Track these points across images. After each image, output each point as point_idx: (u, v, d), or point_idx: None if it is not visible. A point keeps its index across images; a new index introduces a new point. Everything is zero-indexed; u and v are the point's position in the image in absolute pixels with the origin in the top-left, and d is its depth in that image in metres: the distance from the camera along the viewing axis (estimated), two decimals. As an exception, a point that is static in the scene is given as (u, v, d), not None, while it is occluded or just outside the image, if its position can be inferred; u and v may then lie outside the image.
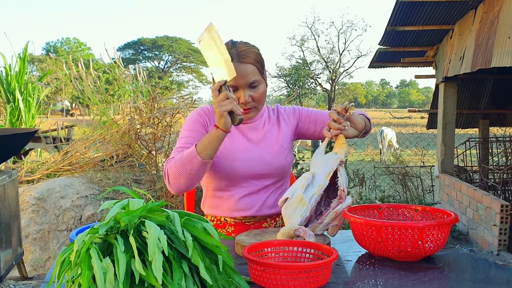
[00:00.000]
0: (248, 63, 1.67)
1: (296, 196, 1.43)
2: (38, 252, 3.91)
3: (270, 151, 1.79)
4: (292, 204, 1.42)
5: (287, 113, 1.91)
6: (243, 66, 1.66)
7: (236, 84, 1.66)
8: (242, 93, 1.68)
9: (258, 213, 1.80)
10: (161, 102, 5.14)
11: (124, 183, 4.50)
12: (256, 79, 1.69)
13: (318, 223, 1.49)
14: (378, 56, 6.44)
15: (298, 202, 1.42)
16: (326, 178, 1.47)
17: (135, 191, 1.08)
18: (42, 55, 42.35)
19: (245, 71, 1.66)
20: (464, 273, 1.34)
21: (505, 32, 4.03)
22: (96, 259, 0.87)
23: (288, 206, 1.43)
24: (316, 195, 1.45)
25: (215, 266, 0.97)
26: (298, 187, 1.44)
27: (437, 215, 1.52)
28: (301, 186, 1.44)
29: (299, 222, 1.41)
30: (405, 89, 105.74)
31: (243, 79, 1.66)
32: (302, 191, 1.43)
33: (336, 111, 1.56)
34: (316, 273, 1.11)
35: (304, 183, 1.44)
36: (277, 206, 1.84)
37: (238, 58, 1.66)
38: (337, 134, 1.54)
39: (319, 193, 1.45)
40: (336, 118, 1.53)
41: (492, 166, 6.42)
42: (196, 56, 50.04)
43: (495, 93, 7.07)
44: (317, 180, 1.47)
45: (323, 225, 1.50)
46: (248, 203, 1.79)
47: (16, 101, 7.82)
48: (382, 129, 14.02)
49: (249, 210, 1.79)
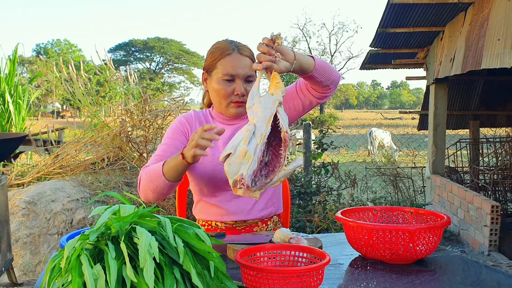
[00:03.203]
0: (247, 56, 1.73)
1: (240, 151, 1.31)
2: (28, 257, 3.87)
3: None
4: (236, 160, 1.31)
5: None
6: (243, 58, 1.71)
7: (234, 73, 1.69)
8: (238, 84, 1.70)
9: (248, 216, 1.79)
10: (153, 104, 5.12)
11: (115, 186, 4.48)
12: (252, 74, 1.72)
13: (266, 182, 1.37)
14: (369, 58, 6.46)
15: (243, 156, 1.31)
16: (267, 124, 1.34)
17: (126, 196, 1.07)
18: (33, 57, 42.10)
19: (244, 63, 1.71)
20: (455, 276, 1.35)
21: (495, 34, 4.06)
22: (87, 265, 0.86)
23: (231, 163, 1.31)
24: (260, 145, 1.32)
25: (207, 271, 0.96)
26: (241, 141, 1.32)
27: (431, 218, 1.52)
28: (244, 140, 1.32)
29: (247, 176, 1.30)
30: (396, 90, 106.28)
31: (242, 69, 1.70)
32: (245, 145, 1.31)
33: (264, 43, 1.41)
34: (308, 277, 1.11)
35: (247, 136, 1.32)
36: (268, 208, 1.83)
37: (238, 50, 1.72)
38: (267, 66, 1.39)
39: (262, 142, 1.33)
40: (265, 50, 1.39)
41: (482, 167, 6.46)
42: (188, 57, 50.01)
43: (485, 95, 7.13)
44: (258, 129, 1.33)
45: (271, 184, 1.38)
46: (236, 207, 1.78)
47: (6, 103, 7.76)
48: (372, 130, 14.09)
49: (238, 214, 1.78)
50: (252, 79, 1.73)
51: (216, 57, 1.72)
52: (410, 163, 9.16)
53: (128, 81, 6.02)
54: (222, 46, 1.74)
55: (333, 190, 4.93)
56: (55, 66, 5.88)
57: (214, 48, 1.76)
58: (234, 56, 1.70)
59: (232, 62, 1.70)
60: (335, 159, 5.73)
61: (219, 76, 1.71)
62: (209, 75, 1.76)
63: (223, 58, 1.71)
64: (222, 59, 1.71)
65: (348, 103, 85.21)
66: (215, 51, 1.74)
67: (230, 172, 1.32)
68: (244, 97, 1.72)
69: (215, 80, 1.73)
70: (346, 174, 5.42)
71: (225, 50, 1.71)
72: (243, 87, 1.71)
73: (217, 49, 1.74)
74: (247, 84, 1.72)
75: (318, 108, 38.32)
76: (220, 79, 1.71)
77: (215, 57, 1.73)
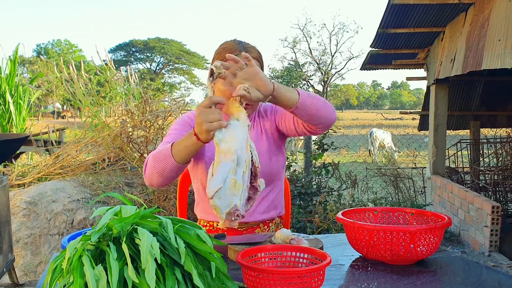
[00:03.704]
0: (254, 58, 1.68)
1: (230, 183, 1.28)
2: (29, 257, 3.88)
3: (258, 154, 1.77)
4: (227, 192, 1.27)
5: (266, 110, 1.88)
6: None
7: None
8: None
9: (250, 219, 1.79)
10: (153, 104, 5.12)
11: (116, 186, 4.48)
12: None
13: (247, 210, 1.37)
14: (370, 58, 6.46)
15: (233, 187, 1.28)
16: (246, 150, 1.33)
17: (128, 197, 1.07)
18: (33, 57, 42.13)
19: None
20: (456, 277, 1.35)
21: (495, 35, 4.06)
22: (89, 266, 0.87)
23: (222, 196, 1.27)
24: (246, 173, 1.31)
25: (208, 272, 0.97)
26: (229, 173, 1.29)
27: (431, 219, 1.52)
28: (232, 171, 1.29)
29: (241, 206, 1.29)
30: (396, 91, 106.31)
31: None
32: (233, 175, 1.28)
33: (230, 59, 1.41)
34: (309, 278, 1.11)
35: (233, 167, 1.29)
36: (270, 211, 1.83)
37: (245, 51, 1.69)
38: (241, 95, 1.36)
39: (248, 169, 1.32)
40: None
41: (483, 168, 6.46)
42: (188, 57, 50.02)
43: (485, 95, 7.13)
44: (240, 157, 1.31)
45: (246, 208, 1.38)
46: None
47: (6, 103, 7.76)
48: (372, 131, 14.08)
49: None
50: None
51: (223, 58, 1.67)
52: (411, 163, 9.17)
53: (128, 81, 6.02)
54: (229, 47, 1.72)
55: (334, 190, 4.93)
56: (55, 67, 5.88)
57: (221, 48, 1.74)
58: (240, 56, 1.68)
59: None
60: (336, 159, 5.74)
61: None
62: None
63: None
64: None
65: (349, 104, 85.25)
66: (222, 51, 1.71)
67: (222, 205, 1.27)
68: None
69: (220, 81, 1.70)
70: (347, 175, 5.43)
71: (232, 51, 1.68)
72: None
73: (224, 49, 1.72)
74: None
75: (318, 108, 38.28)
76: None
77: (221, 58, 1.69)
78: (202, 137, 1.38)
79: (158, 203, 4.20)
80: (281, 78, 35.81)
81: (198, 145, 1.43)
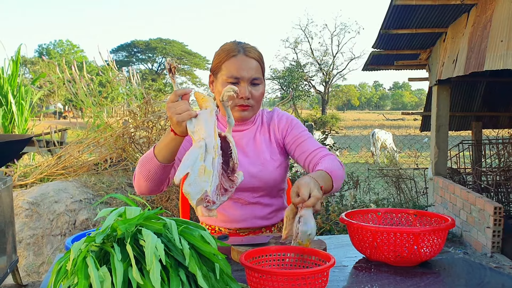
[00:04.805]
0: (253, 58, 1.68)
1: (198, 168, 1.26)
2: (31, 257, 3.88)
3: (259, 163, 1.74)
4: (196, 178, 1.26)
5: (279, 123, 1.83)
6: (249, 60, 1.67)
7: (239, 76, 1.65)
8: (243, 86, 1.66)
9: (252, 224, 1.78)
10: (155, 105, 5.13)
11: (118, 187, 4.48)
12: (258, 77, 1.68)
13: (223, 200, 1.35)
14: (372, 59, 6.46)
15: (203, 173, 1.26)
16: (215, 136, 1.32)
17: (132, 198, 1.07)
18: (35, 57, 42.15)
19: (250, 65, 1.66)
20: (459, 278, 1.34)
21: (498, 36, 4.06)
22: (93, 267, 0.87)
23: (192, 183, 1.25)
24: (216, 158, 1.30)
25: (212, 273, 0.97)
26: (197, 159, 1.27)
27: (435, 220, 1.52)
28: (200, 157, 1.27)
29: (211, 192, 1.27)
30: (398, 91, 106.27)
31: (247, 72, 1.65)
32: (202, 162, 1.27)
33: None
34: (313, 279, 1.11)
35: (202, 153, 1.28)
36: (271, 218, 1.82)
37: (244, 51, 1.67)
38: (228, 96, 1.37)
39: (218, 155, 1.31)
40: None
41: (485, 168, 6.45)
42: (190, 58, 50.04)
43: (487, 96, 7.12)
44: (209, 143, 1.30)
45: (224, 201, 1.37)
46: (240, 215, 1.76)
47: (8, 104, 7.77)
48: (374, 131, 14.07)
49: (241, 222, 1.77)
50: (258, 82, 1.69)
51: (222, 59, 1.68)
52: (413, 164, 9.15)
53: (130, 81, 6.03)
54: (228, 47, 1.69)
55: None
56: (57, 67, 5.89)
57: (221, 50, 1.71)
58: (239, 58, 1.66)
59: (237, 64, 1.65)
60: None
61: (224, 79, 1.66)
62: (215, 77, 1.72)
63: (228, 60, 1.66)
64: (227, 61, 1.66)
65: (350, 104, 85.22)
66: (221, 52, 1.69)
67: (192, 192, 1.25)
68: (249, 101, 1.68)
69: (220, 82, 1.68)
70: (349, 176, 5.42)
71: (231, 51, 1.67)
72: (248, 90, 1.66)
73: (223, 50, 1.70)
74: (253, 87, 1.68)
75: (320, 109, 38.34)
76: (224, 82, 1.66)
77: (220, 59, 1.69)
78: (177, 130, 1.38)
79: (161, 203, 4.20)
80: (283, 78, 35.81)
81: (176, 140, 1.42)
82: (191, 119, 1.33)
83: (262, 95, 1.73)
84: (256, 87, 1.69)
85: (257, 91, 1.69)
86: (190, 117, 1.32)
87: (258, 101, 1.72)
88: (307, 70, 38.31)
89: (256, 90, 1.69)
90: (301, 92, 36.15)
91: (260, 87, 1.70)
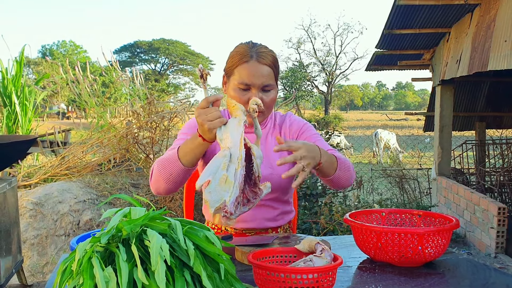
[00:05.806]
0: (266, 64, 1.65)
1: (220, 178, 1.27)
2: (35, 258, 3.89)
3: (269, 166, 1.74)
4: (217, 187, 1.26)
5: (291, 126, 1.83)
6: (261, 66, 1.64)
7: (250, 83, 1.63)
8: (254, 93, 1.64)
9: (259, 225, 1.79)
10: (159, 105, 5.13)
11: (122, 187, 4.49)
12: (270, 83, 1.66)
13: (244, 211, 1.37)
14: (375, 59, 6.45)
15: (224, 183, 1.27)
16: (240, 147, 1.32)
17: (137, 198, 1.08)
18: (38, 58, 42.31)
19: (261, 72, 1.64)
20: (464, 279, 1.34)
21: (502, 36, 4.05)
22: (98, 268, 0.87)
23: (212, 190, 1.26)
24: (239, 169, 1.30)
25: (217, 274, 0.97)
26: (219, 168, 1.28)
27: (439, 221, 1.52)
28: (223, 166, 1.28)
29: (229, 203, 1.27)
30: (401, 91, 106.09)
31: (258, 79, 1.63)
32: (225, 171, 1.28)
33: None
34: (322, 277, 1.11)
35: (225, 162, 1.28)
36: (279, 220, 1.81)
37: (257, 57, 1.64)
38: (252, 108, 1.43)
39: (241, 167, 1.30)
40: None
41: (489, 169, 6.44)
42: (193, 58, 50.08)
43: (491, 96, 7.10)
44: (233, 154, 1.31)
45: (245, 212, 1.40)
46: (248, 216, 1.75)
47: (12, 104, 7.80)
48: (378, 131, 14.05)
49: (249, 222, 1.77)
50: (269, 88, 1.66)
51: (235, 63, 1.66)
52: (416, 164, 9.13)
53: (133, 82, 6.04)
54: (241, 51, 1.66)
55: (339, 191, 4.92)
56: (61, 68, 5.90)
57: (235, 52, 1.69)
58: (251, 64, 1.63)
59: (248, 71, 1.62)
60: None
61: (235, 84, 1.64)
62: (228, 79, 1.70)
63: (240, 65, 1.64)
64: (240, 66, 1.64)
65: (353, 104, 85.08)
66: (235, 55, 1.67)
67: (211, 200, 1.26)
68: (260, 107, 1.70)
69: (231, 86, 1.67)
70: (352, 176, 5.41)
71: (243, 56, 1.64)
72: (259, 97, 1.63)
73: (236, 53, 1.67)
74: (264, 94, 1.66)
75: (323, 109, 38.31)
76: (236, 87, 1.65)
77: (233, 63, 1.66)
78: (206, 136, 1.40)
79: (164, 204, 4.21)
80: (286, 79, 35.80)
81: (204, 145, 1.45)
82: (220, 126, 1.35)
83: (273, 101, 1.71)
84: (267, 93, 1.67)
85: (268, 97, 1.67)
86: (222, 124, 1.34)
87: (269, 106, 1.70)
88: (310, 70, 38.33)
89: (267, 96, 1.67)
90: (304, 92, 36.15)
91: (271, 93, 1.68)
